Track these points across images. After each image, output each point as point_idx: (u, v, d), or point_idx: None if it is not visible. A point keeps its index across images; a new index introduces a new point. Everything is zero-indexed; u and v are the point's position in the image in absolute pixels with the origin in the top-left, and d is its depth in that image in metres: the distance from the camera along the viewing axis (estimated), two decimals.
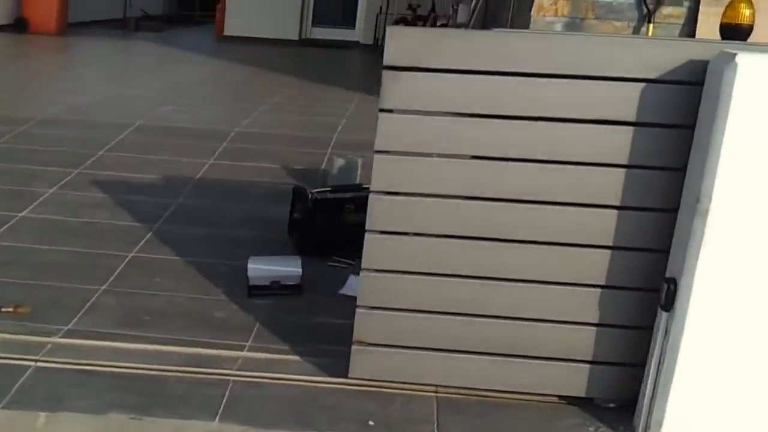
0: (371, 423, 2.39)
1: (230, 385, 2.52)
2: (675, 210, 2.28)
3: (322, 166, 4.81)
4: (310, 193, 3.55)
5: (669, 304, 2.23)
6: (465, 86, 2.31)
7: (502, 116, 2.31)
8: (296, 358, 2.71)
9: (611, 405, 2.51)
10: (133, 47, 11.30)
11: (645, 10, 5.86)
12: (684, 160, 2.24)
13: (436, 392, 2.55)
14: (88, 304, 3.00)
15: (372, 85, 8.40)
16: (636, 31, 5.94)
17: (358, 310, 2.50)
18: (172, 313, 2.98)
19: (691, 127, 2.22)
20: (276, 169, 4.79)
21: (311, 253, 3.45)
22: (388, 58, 2.30)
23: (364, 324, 2.51)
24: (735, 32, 4.02)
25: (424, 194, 2.39)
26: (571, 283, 2.42)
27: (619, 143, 2.29)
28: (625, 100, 2.26)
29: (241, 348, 2.75)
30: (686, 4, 5.87)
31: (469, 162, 2.36)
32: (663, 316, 2.27)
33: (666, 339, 2.26)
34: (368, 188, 3.61)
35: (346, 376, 2.56)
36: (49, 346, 2.69)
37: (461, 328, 2.48)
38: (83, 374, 2.54)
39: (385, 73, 2.31)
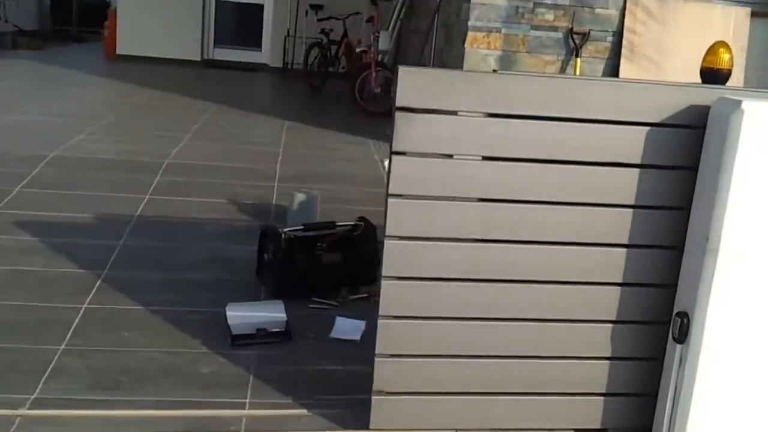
0: None
1: None
2: (679, 247, 2.30)
3: (273, 201, 4.58)
4: (282, 232, 3.33)
5: (683, 337, 2.23)
6: (478, 129, 2.24)
7: (514, 159, 2.26)
8: (305, 411, 2.49)
9: None
10: (14, 67, 10.45)
11: (572, 45, 6.03)
12: (687, 199, 2.27)
13: None
14: (51, 366, 2.66)
15: (300, 112, 8.31)
16: (565, 64, 6.10)
17: (378, 359, 2.33)
18: (152, 371, 2.68)
19: (693, 168, 2.25)
20: (223, 204, 4.50)
21: (288, 296, 3.22)
22: (400, 100, 2.18)
23: (384, 372, 2.35)
24: (715, 76, 4.17)
25: (438, 238, 2.28)
26: (584, 320, 2.40)
27: (625, 184, 2.29)
28: (631, 143, 2.27)
29: (242, 406, 2.50)
30: (609, 39, 6.09)
31: (483, 204, 2.28)
32: (677, 348, 2.26)
33: (681, 370, 2.26)
34: (342, 225, 3.51)
35: (366, 428, 2.38)
36: (19, 419, 2.34)
37: (480, 370, 2.38)
38: None
39: (398, 115, 2.18)
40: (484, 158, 2.26)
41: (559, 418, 2.48)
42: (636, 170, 2.28)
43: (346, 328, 3.08)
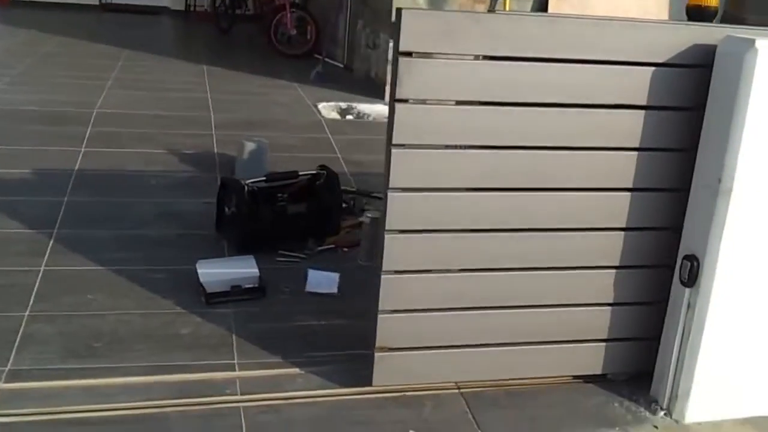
0: None
1: (242, 412, 2.21)
2: (683, 189, 2.32)
3: (215, 150, 4.39)
4: (245, 184, 3.20)
5: (692, 281, 2.28)
6: (483, 72, 2.17)
7: (518, 103, 2.20)
8: (297, 370, 2.43)
9: (623, 378, 2.55)
10: None
11: None
12: (692, 140, 2.28)
13: (458, 388, 2.42)
14: (19, 335, 2.48)
15: (215, 56, 7.94)
16: (494, 2, 6.07)
17: (380, 315, 2.28)
18: (126, 335, 2.55)
19: (697, 108, 2.26)
20: (163, 155, 4.28)
21: (253, 250, 3.11)
22: (402, 44, 2.08)
23: (387, 329, 2.30)
24: (703, 14, 4.19)
25: (442, 188, 2.23)
26: (587, 267, 2.40)
27: (630, 127, 2.28)
28: (635, 84, 2.24)
29: (231, 367, 2.42)
30: None
31: (487, 152, 2.23)
32: (685, 291, 2.30)
33: (690, 314, 2.31)
34: (303, 175, 3.41)
35: (363, 385, 2.35)
36: None
37: (482, 322, 2.37)
38: (54, 427, 2.10)
39: (401, 61, 2.09)
40: (491, 104, 2.19)
41: (560, 366, 2.51)
42: (641, 112, 2.26)
43: (320, 281, 3.01)
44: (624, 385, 2.53)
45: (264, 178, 3.29)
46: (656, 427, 2.37)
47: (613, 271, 2.42)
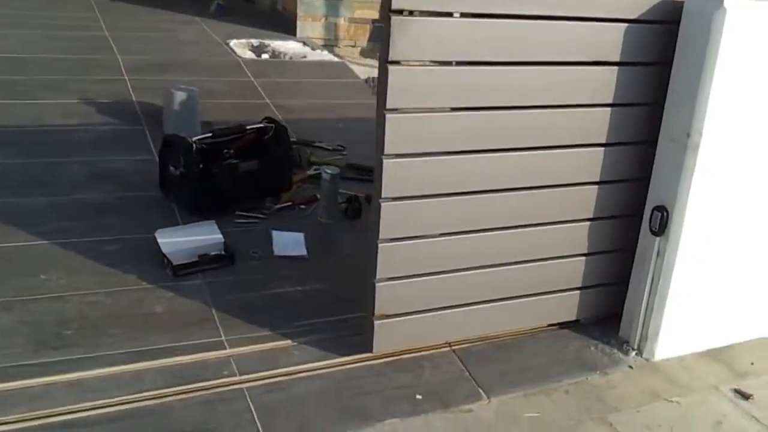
0: (419, 396, 2.23)
1: (246, 394, 2.14)
2: (650, 142, 2.39)
3: (134, 98, 4.08)
4: (193, 141, 3.00)
5: (662, 230, 2.39)
6: (471, 31, 2.11)
7: (504, 63, 2.17)
8: (290, 342, 2.37)
9: (593, 321, 2.66)
10: None
11: None
12: (659, 95, 2.33)
13: (450, 347, 2.45)
14: None
15: None
16: None
17: (378, 284, 2.25)
18: (98, 318, 2.38)
19: (664, 63, 2.30)
20: (79, 105, 3.94)
21: (206, 213, 2.98)
22: (395, 2, 1.97)
23: (385, 296, 2.27)
24: None
25: (432, 153, 2.18)
26: (564, 221, 2.46)
27: (603, 83, 2.31)
28: (608, 41, 2.26)
29: (220, 345, 2.32)
30: None
31: (474, 114, 2.19)
32: (655, 240, 2.41)
33: (659, 261, 2.42)
34: (251, 129, 3.23)
35: (359, 353, 2.34)
36: None
37: (468, 281, 2.39)
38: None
39: (393, 20, 1.98)
40: (480, 63, 2.14)
41: (539, 316, 2.59)
42: (614, 68, 2.29)
43: (288, 242, 2.92)
44: (595, 328, 2.65)
45: (210, 134, 3.10)
46: (631, 367, 2.50)
47: (587, 223, 2.49)
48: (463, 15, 2.08)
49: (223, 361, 2.26)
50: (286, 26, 5.81)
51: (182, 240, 2.71)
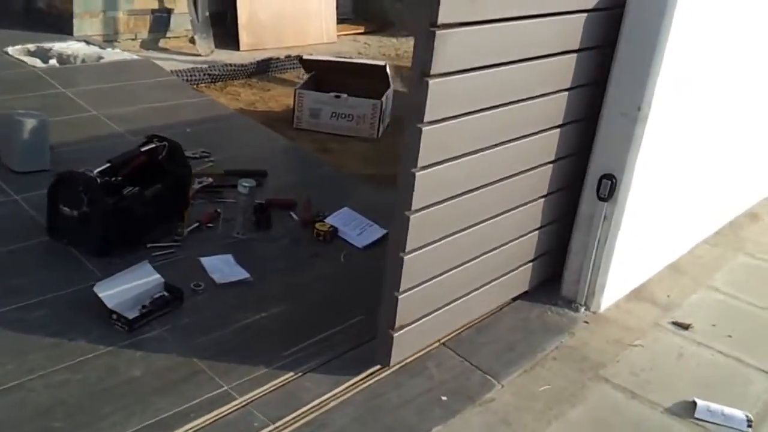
0: (444, 398, 2.25)
1: None
2: (590, 118, 2.61)
3: None
4: (95, 176, 2.62)
5: (610, 196, 2.64)
6: (498, 36, 2.16)
7: (511, 62, 2.24)
8: (293, 374, 2.25)
9: (535, 288, 2.87)
10: None
11: None
12: (601, 74, 2.55)
13: (439, 341, 2.49)
14: None
15: None
16: None
17: (401, 296, 2.20)
18: (79, 400, 2.03)
19: (605, 46, 2.51)
20: None
21: (116, 251, 2.66)
22: (441, 17, 1.93)
23: (404, 307, 2.25)
24: None
25: (452, 158, 2.18)
26: (527, 202, 2.60)
27: (564, 71, 2.47)
28: (569, 31, 2.41)
29: (228, 396, 2.12)
30: None
31: (486, 114, 2.23)
32: (603, 206, 2.66)
33: (606, 224, 2.69)
34: (147, 151, 2.91)
35: (366, 368, 2.30)
36: None
37: (457, 278, 2.43)
38: None
39: (438, 34, 1.93)
40: (496, 66, 2.19)
41: (505, 292, 2.74)
42: (573, 56, 2.44)
43: (223, 268, 2.71)
44: (539, 293, 2.86)
45: (109, 164, 2.73)
46: (587, 322, 2.76)
47: (542, 200, 2.67)
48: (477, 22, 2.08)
49: (244, 413, 2.08)
50: (60, 25, 5.15)
51: (124, 289, 2.40)
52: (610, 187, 2.63)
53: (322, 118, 4.39)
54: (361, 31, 7.00)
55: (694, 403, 2.34)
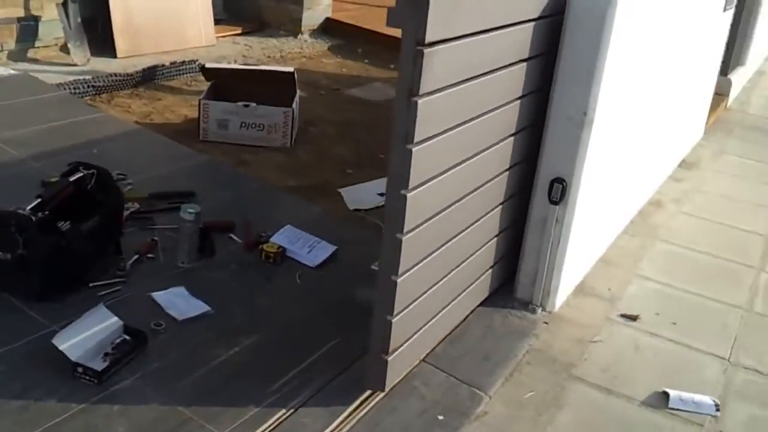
0: (441, 417, 2.24)
1: None
2: (535, 124, 2.68)
3: None
4: (30, 216, 2.36)
5: (561, 199, 2.72)
6: (474, 49, 2.15)
7: (489, 72, 2.27)
8: (284, 411, 2.15)
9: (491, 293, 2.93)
10: None
11: None
12: (545, 80, 2.62)
13: (420, 359, 2.47)
14: None
15: None
16: None
17: (394, 320, 2.16)
18: None
19: (549, 53, 2.57)
20: None
21: (58, 294, 2.43)
22: (429, 35, 1.88)
23: (397, 330, 2.21)
24: None
25: (439, 174, 2.17)
26: (491, 209, 2.64)
27: (518, 79, 2.51)
28: (525, 41, 2.45)
29: None
30: None
31: (464, 127, 2.23)
32: (555, 209, 2.74)
33: (558, 226, 2.77)
34: (76, 180, 2.66)
35: (357, 397, 2.24)
36: None
37: (437, 294, 2.42)
38: None
39: (427, 53, 1.89)
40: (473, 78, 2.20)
41: (471, 302, 2.76)
42: (523, 65, 2.47)
43: (179, 303, 2.53)
44: (495, 297, 2.91)
45: (39, 200, 2.46)
46: (546, 323, 2.83)
47: (500, 206, 2.70)
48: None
49: None
50: None
51: (85, 338, 2.18)
52: (561, 191, 2.71)
53: (231, 128, 4.21)
54: (239, 32, 6.78)
55: (666, 394, 2.47)
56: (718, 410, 2.43)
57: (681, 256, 3.52)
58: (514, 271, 2.91)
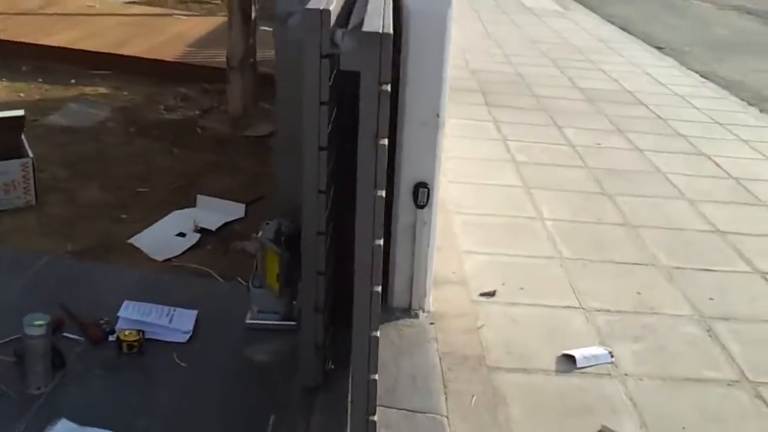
0: None
1: None
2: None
3: None
4: None
5: (426, 203, 2.75)
6: None
7: None
8: None
9: None
10: None
11: None
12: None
13: None
14: None
15: None
16: None
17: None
18: None
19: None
20: None
21: None
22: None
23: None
24: None
25: None
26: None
27: None
28: None
29: None
30: None
31: None
32: (421, 213, 2.77)
33: (425, 229, 2.82)
34: None
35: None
36: None
37: None
38: None
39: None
40: None
41: None
42: None
43: None
44: None
45: None
46: (433, 323, 2.87)
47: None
48: None
49: None
50: None
51: None
52: (427, 195, 2.74)
53: None
54: None
55: (570, 357, 2.70)
56: (612, 357, 2.74)
57: (477, 224, 3.81)
58: (385, 282, 2.87)
